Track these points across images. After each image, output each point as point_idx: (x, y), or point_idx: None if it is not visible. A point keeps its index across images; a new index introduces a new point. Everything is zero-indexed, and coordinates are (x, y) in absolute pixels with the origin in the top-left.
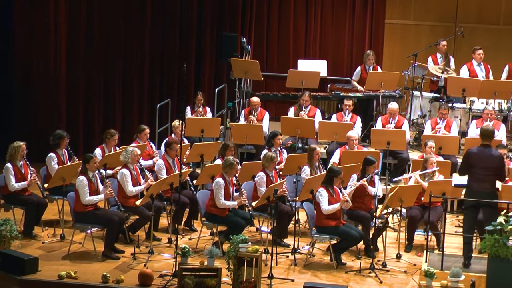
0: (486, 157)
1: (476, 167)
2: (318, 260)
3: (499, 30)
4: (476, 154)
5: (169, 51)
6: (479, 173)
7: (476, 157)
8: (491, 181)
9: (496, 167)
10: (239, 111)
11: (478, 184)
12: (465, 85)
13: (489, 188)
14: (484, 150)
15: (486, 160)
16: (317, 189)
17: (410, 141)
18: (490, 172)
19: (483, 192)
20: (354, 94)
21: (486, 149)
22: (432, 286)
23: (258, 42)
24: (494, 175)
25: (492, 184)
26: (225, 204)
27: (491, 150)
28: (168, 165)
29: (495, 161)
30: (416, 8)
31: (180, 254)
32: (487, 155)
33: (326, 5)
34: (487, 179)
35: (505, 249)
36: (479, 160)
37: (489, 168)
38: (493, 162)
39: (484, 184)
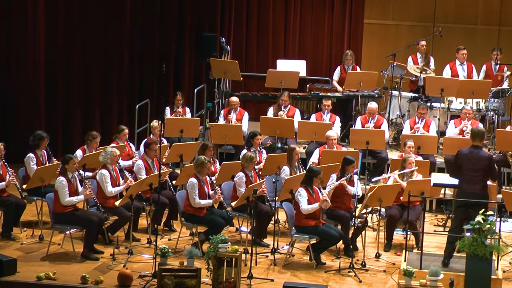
0: (475, 158)
1: (466, 168)
2: (297, 259)
3: (476, 30)
4: (465, 155)
5: (148, 51)
6: (469, 174)
7: (466, 158)
8: (481, 182)
9: (485, 168)
10: (219, 111)
11: (469, 186)
12: (444, 85)
13: (480, 189)
14: (473, 151)
15: (475, 162)
16: (296, 189)
17: (389, 141)
18: (480, 173)
19: (474, 193)
20: (333, 94)
21: (476, 150)
22: (411, 285)
23: (237, 42)
24: (483, 176)
25: (483, 185)
26: (200, 203)
27: (480, 151)
28: (148, 166)
29: (484, 162)
30: (395, 8)
31: (159, 255)
32: (476, 156)
33: (305, 5)
34: (477, 180)
35: (483, 248)
36: (468, 161)
37: (478, 169)
38: (482, 163)
39: (475, 185)
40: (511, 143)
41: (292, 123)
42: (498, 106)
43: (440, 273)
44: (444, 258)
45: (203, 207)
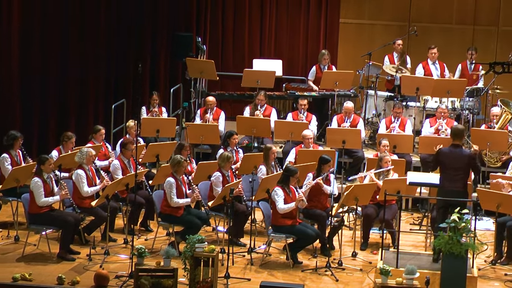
0: (455, 157)
1: (447, 167)
2: (274, 259)
3: (451, 29)
4: (446, 154)
5: (124, 51)
6: (450, 173)
7: (446, 157)
8: (462, 180)
9: (465, 167)
10: (195, 111)
11: (450, 184)
12: (419, 84)
13: (461, 187)
14: (454, 150)
15: (456, 160)
16: (273, 188)
17: (365, 140)
18: (460, 172)
19: (454, 191)
20: (309, 93)
21: (457, 149)
22: (388, 283)
23: (213, 41)
24: (464, 174)
25: (464, 183)
26: (178, 203)
27: (461, 150)
28: (124, 166)
29: (464, 160)
30: (370, 8)
31: (136, 255)
32: (457, 155)
33: (280, 5)
34: (458, 179)
35: (458, 246)
36: (448, 159)
37: (459, 168)
38: (462, 162)
39: (456, 184)
40: (486, 142)
41: (269, 123)
42: (473, 105)
43: (416, 272)
44: (434, 254)
45: (181, 207)
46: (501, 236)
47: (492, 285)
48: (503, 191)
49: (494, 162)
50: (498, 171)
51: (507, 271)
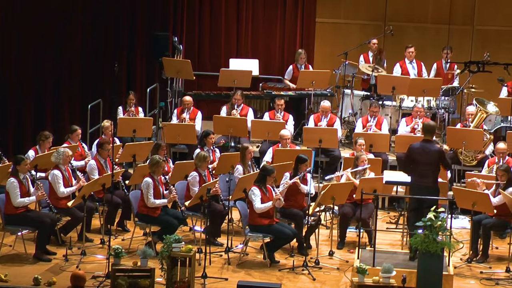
0: (426, 152)
1: (417, 162)
2: (251, 258)
3: (427, 28)
4: (417, 150)
5: (100, 51)
6: (421, 168)
7: (417, 153)
8: (433, 175)
9: (435, 162)
10: (172, 110)
11: (420, 179)
12: (395, 83)
13: (431, 183)
14: (425, 145)
15: (426, 156)
16: (250, 188)
17: (342, 139)
18: (431, 167)
19: (425, 187)
20: (286, 92)
21: (427, 144)
22: (364, 282)
23: (189, 41)
24: (434, 169)
25: (434, 178)
26: (155, 203)
27: (431, 145)
28: (100, 166)
29: (434, 156)
30: (346, 7)
31: (113, 255)
32: (427, 150)
33: (257, 4)
34: (428, 174)
35: (434, 245)
36: (420, 155)
37: (429, 163)
38: (432, 157)
39: (426, 179)
40: (461, 141)
41: (245, 122)
42: (449, 104)
43: (393, 270)
44: (411, 252)
45: (158, 207)
46: (476, 234)
47: (468, 283)
48: (479, 190)
49: (470, 160)
50: (474, 170)
51: (482, 269)
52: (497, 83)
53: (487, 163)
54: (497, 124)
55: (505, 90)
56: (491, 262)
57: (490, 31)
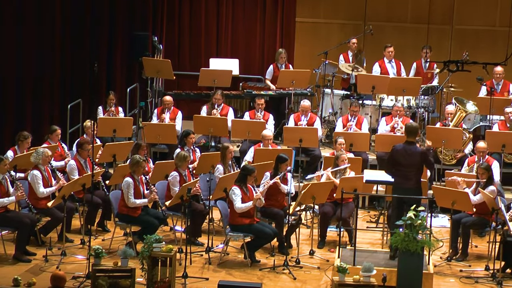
0: (409, 154)
1: (400, 164)
2: (232, 258)
3: (406, 28)
4: (400, 151)
5: (80, 50)
6: (404, 170)
7: (400, 154)
8: (415, 177)
9: (418, 164)
10: (152, 110)
11: (403, 181)
12: (375, 83)
13: (414, 185)
14: (408, 147)
15: (408, 157)
16: (230, 188)
17: (322, 139)
18: (413, 169)
19: (408, 189)
20: (266, 92)
21: (410, 146)
22: (345, 281)
23: (169, 41)
24: (417, 171)
25: (416, 180)
26: (135, 203)
27: (414, 147)
28: (80, 166)
29: (417, 158)
30: (326, 7)
31: (93, 255)
32: (410, 152)
33: (237, 4)
34: (411, 176)
35: (414, 244)
36: (402, 157)
37: (412, 165)
38: (415, 159)
39: (409, 181)
40: (441, 140)
41: (226, 122)
42: (428, 103)
43: (373, 269)
44: (391, 251)
45: (138, 207)
46: (456, 233)
47: (448, 281)
48: (459, 188)
49: (449, 159)
50: (453, 169)
51: (462, 267)
52: (476, 82)
53: (467, 162)
54: (476, 123)
55: (484, 89)
56: (471, 260)
57: (469, 30)
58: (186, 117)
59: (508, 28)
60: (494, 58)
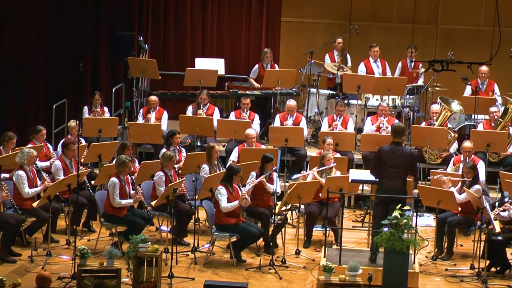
0: (396, 155)
1: (387, 164)
2: (218, 258)
3: (392, 27)
4: (387, 152)
5: (65, 50)
6: (390, 170)
7: (387, 155)
8: (402, 178)
9: (405, 165)
10: (137, 110)
11: (389, 181)
12: (360, 82)
13: (400, 185)
14: (395, 148)
15: (396, 158)
16: (216, 187)
17: (308, 138)
18: (400, 169)
19: (394, 189)
20: (251, 92)
21: (397, 147)
22: (331, 280)
23: (155, 40)
24: (404, 172)
25: (403, 181)
26: (121, 203)
27: (401, 147)
28: (66, 166)
29: (404, 158)
30: (311, 6)
31: (78, 256)
32: (397, 153)
33: (222, 3)
34: (398, 177)
35: (400, 243)
36: (389, 158)
37: (399, 166)
38: (402, 160)
39: (395, 182)
40: (426, 139)
41: (211, 122)
42: (414, 102)
43: (359, 268)
44: (371, 255)
45: (124, 207)
46: (441, 232)
47: (433, 280)
48: (444, 187)
49: (435, 159)
50: (439, 168)
51: (447, 266)
52: (461, 81)
53: (453, 161)
54: (461, 123)
55: (469, 89)
56: (456, 259)
57: (454, 30)
58: (172, 117)
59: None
60: (479, 57)
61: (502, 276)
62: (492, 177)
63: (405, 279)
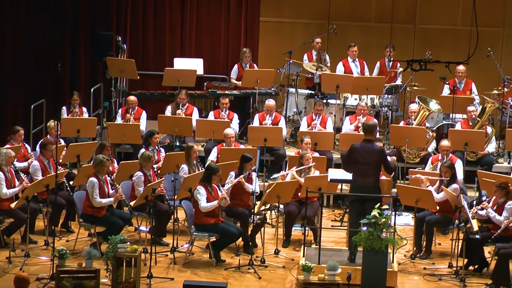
0: (367, 152)
1: (359, 162)
2: (197, 258)
3: (370, 27)
4: (358, 149)
5: (44, 50)
6: (362, 167)
7: (358, 152)
8: (374, 175)
9: (376, 161)
10: (116, 110)
11: (362, 179)
12: (339, 82)
13: (372, 183)
14: (365, 145)
15: (367, 155)
16: (195, 187)
17: (287, 138)
18: (372, 166)
19: (366, 186)
20: (230, 91)
21: (368, 144)
22: (310, 280)
23: (133, 40)
24: (376, 169)
25: (375, 178)
26: (101, 203)
27: (372, 145)
28: (44, 166)
29: (375, 155)
30: (290, 6)
31: (57, 256)
32: (368, 150)
33: (201, 4)
34: (370, 174)
35: (379, 242)
36: (360, 155)
37: (370, 163)
38: (373, 157)
39: (367, 179)
40: (404, 138)
41: (190, 121)
42: (392, 102)
43: (338, 268)
44: (350, 254)
45: (103, 207)
46: (420, 231)
47: (412, 279)
48: (422, 186)
49: (413, 158)
50: (417, 167)
51: (426, 265)
52: (439, 81)
53: (431, 160)
54: (439, 122)
55: (447, 88)
56: (434, 258)
57: (432, 29)
58: (151, 117)
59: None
60: (456, 57)
61: (480, 274)
62: (469, 176)
63: (384, 278)
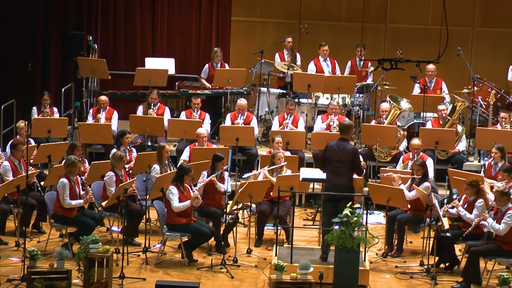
0: (341, 150)
1: (332, 160)
2: (169, 258)
3: (341, 26)
4: (333, 148)
5: (13, 50)
6: (335, 166)
7: (333, 151)
8: (348, 174)
9: (349, 160)
10: (87, 110)
11: (335, 178)
12: (310, 81)
13: (346, 182)
14: (340, 144)
15: (341, 154)
16: (167, 187)
17: (259, 137)
18: (345, 165)
19: (340, 185)
20: (202, 91)
21: (343, 143)
22: (282, 279)
23: (104, 40)
24: (349, 168)
25: (349, 177)
26: (71, 204)
27: (346, 143)
28: (14, 167)
29: (348, 154)
30: (261, 6)
31: (28, 257)
32: (342, 148)
33: (172, 3)
34: (343, 173)
35: (351, 240)
36: (335, 153)
37: (344, 162)
38: (346, 156)
39: (341, 178)
40: (376, 137)
41: (162, 121)
42: (363, 101)
43: (310, 267)
44: (322, 253)
45: (74, 208)
46: (391, 229)
47: (384, 277)
48: (394, 185)
49: (384, 157)
50: (388, 166)
51: (397, 263)
52: (410, 80)
53: (402, 159)
54: (410, 121)
55: (417, 87)
56: (406, 256)
57: (402, 29)
58: (122, 116)
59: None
60: (427, 56)
61: (451, 272)
62: (440, 174)
63: (356, 277)
